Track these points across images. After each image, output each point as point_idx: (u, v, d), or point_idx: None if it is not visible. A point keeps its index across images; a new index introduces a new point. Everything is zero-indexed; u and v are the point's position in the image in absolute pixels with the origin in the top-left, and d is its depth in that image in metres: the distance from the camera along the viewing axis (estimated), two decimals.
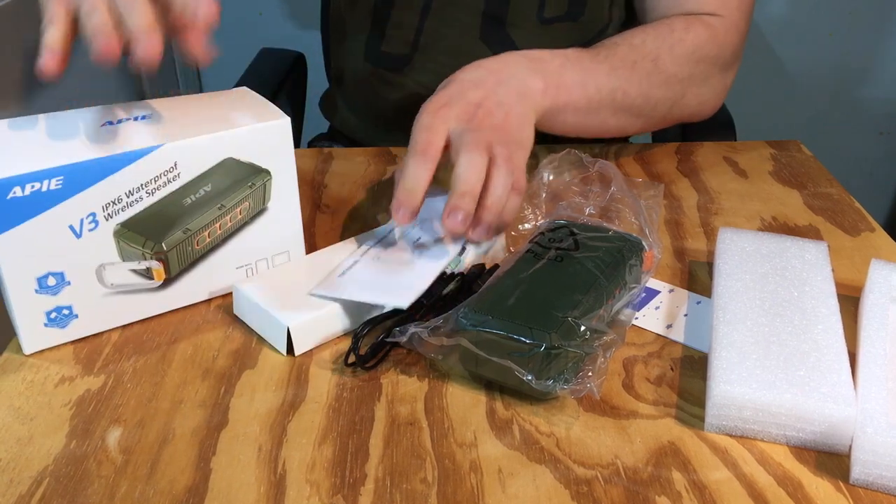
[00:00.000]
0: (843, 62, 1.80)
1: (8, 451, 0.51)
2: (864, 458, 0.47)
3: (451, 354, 0.55)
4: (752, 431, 0.51)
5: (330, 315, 0.59)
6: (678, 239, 0.73)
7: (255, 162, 0.62)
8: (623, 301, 0.60)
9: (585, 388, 0.51)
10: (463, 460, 0.50)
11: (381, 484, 0.48)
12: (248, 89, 0.67)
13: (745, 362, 0.52)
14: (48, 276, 0.57)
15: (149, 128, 0.59)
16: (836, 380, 0.51)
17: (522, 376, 0.51)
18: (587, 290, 0.56)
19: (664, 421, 0.53)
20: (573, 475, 0.49)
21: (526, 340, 0.52)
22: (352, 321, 0.60)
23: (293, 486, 0.48)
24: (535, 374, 0.51)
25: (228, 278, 0.64)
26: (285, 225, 0.65)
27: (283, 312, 0.58)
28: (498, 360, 0.52)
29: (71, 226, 0.56)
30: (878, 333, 0.55)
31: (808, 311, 0.57)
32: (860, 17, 1.75)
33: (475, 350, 0.53)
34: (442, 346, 0.55)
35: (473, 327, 0.54)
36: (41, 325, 0.58)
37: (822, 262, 0.63)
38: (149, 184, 0.58)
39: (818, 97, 1.84)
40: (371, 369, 0.57)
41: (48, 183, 0.54)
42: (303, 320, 0.58)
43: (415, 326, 0.55)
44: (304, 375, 0.57)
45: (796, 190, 0.81)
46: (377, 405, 0.54)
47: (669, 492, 0.48)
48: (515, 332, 0.52)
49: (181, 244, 0.61)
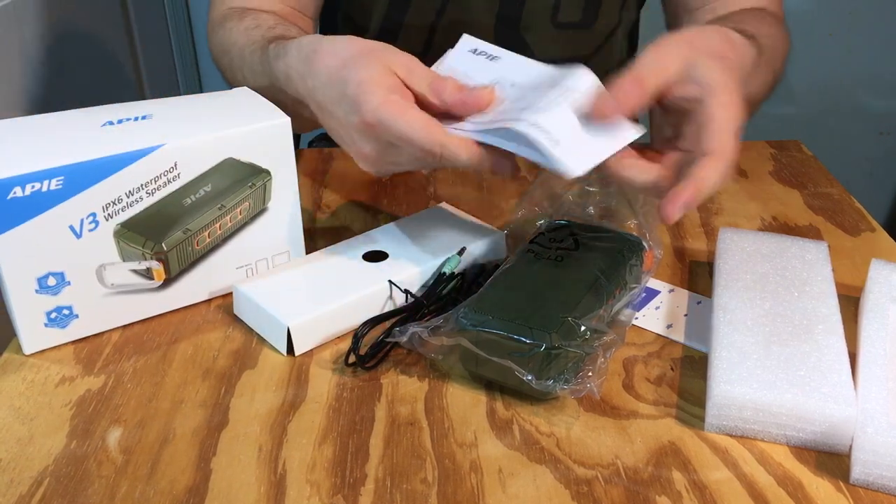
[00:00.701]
0: (843, 62, 1.80)
1: (8, 451, 0.51)
2: (864, 458, 0.47)
3: (452, 354, 0.55)
4: (752, 431, 0.51)
5: (330, 315, 0.59)
6: (678, 239, 0.73)
7: (255, 162, 0.62)
8: (623, 301, 0.60)
9: (585, 388, 0.51)
10: (463, 460, 0.50)
11: (382, 484, 0.48)
12: (248, 89, 0.67)
13: (745, 362, 0.52)
14: (48, 276, 0.57)
15: (149, 128, 0.59)
16: (836, 380, 0.51)
17: (522, 376, 0.51)
18: (587, 290, 0.56)
19: (664, 421, 0.53)
20: (573, 475, 0.49)
21: (526, 340, 0.52)
22: (352, 321, 0.60)
23: (293, 486, 0.48)
24: (535, 374, 0.51)
25: (228, 278, 0.64)
26: (285, 225, 0.65)
27: (283, 312, 0.58)
28: (498, 360, 0.52)
29: (71, 226, 0.56)
30: (878, 333, 0.55)
31: (808, 311, 0.57)
32: (860, 17, 1.75)
33: (475, 350, 0.53)
34: (442, 345, 0.55)
35: (474, 327, 0.54)
36: (41, 325, 0.58)
37: (822, 262, 0.63)
38: (149, 184, 0.58)
39: (818, 97, 1.84)
40: (371, 369, 0.57)
41: (48, 183, 0.54)
42: (303, 320, 0.58)
43: (415, 326, 0.55)
44: (304, 375, 0.57)
45: (797, 190, 0.81)
46: (377, 405, 0.54)
47: (670, 492, 0.48)
48: (516, 332, 0.52)
49: (181, 244, 0.61)
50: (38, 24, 1.21)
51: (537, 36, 0.88)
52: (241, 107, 0.63)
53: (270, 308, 0.59)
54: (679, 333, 0.60)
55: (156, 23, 1.72)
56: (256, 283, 0.62)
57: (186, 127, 0.59)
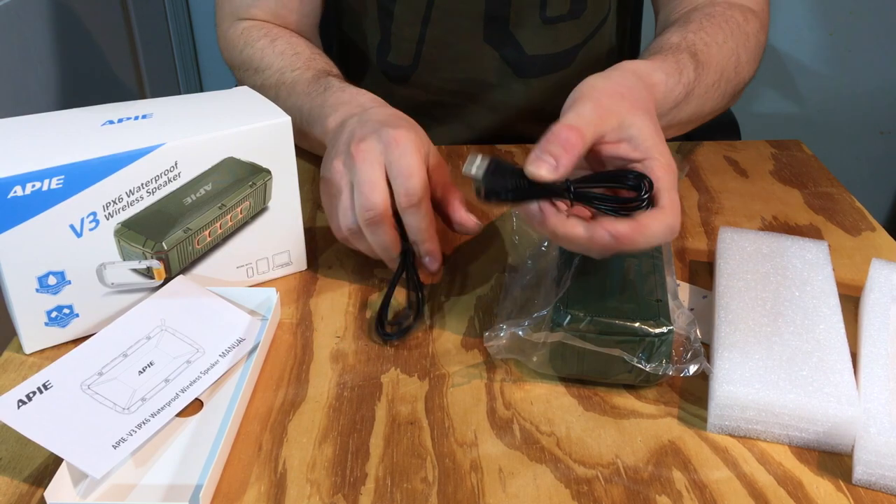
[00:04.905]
0: (844, 62, 1.80)
1: (9, 451, 0.51)
2: (866, 459, 0.47)
3: (538, 354, 0.55)
4: (754, 432, 0.51)
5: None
6: (679, 238, 0.73)
7: (255, 161, 0.62)
8: (672, 279, 0.60)
9: (687, 367, 0.52)
10: (463, 460, 0.50)
11: (382, 483, 0.48)
12: (248, 89, 0.67)
13: (747, 362, 0.52)
14: (49, 276, 0.56)
15: (149, 127, 0.59)
16: (839, 380, 0.51)
17: (637, 363, 0.52)
18: (653, 272, 0.57)
19: (665, 420, 0.53)
20: (574, 475, 0.49)
21: (637, 326, 0.52)
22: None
23: (294, 485, 0.48)
24: (646, 359, 0.52)
25: (229, 277, 0.64)
26: (286, 224, 0.65)
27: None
28: (606, 350, 0.52)
29: (71, 225, 0.56)
30: (879, 333, 0.55)
31: (809, 310, 0.57)
32: (860, 16, 1.75)
33: (580, 345, 0.53)
34: (533, 345, 0.54)
35: (577, 322, 0.53)
36: (42, 325, 0.58)
37: (822, 262, 0.62)
38: (149, 183, 0.58)
39: (818, 97, 1.84)
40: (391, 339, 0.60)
41: (49, 182, 0.54)
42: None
43: (508, 326, 0.55)
44: (304, 375, 0.57)
45: (797, 189, 0.81)
46: (377, 404, 0.54)
47: (670, 491, 0.48)
48: (624, 319, 0.53)
49: (182, 243, 0.61)
50: (38, 24, 1.21)
51: (527, 32, 0.88)
52: (242, 106, 0.63)
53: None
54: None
55: (156, 23, 1.72)
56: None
57: (187, 126, 0.59)
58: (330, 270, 0.68)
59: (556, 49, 0.90)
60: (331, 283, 0.67)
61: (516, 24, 0.88)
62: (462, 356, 0.58)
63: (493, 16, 0.87)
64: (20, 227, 0.54)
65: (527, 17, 0.87)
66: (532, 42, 0.89)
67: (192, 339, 0.57)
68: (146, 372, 0.54)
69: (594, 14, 0.90)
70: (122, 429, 0.50)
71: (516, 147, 0.90)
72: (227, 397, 0.55)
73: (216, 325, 0.59)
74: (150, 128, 0.59)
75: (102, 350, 0.55)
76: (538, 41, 0.89)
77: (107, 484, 0.48)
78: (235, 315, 0.60)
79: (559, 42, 0.90)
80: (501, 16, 0.87)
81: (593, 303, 0.54)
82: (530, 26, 0.88)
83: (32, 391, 0.51)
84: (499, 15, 0.87)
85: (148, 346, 0.56)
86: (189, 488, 0.48)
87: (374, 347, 0.59)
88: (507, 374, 0.57)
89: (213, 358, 0.56)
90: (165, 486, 0.48)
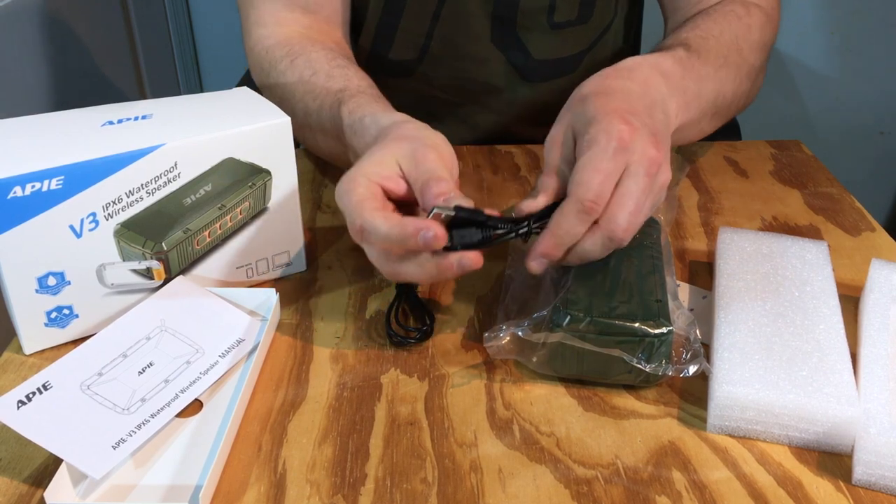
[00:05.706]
0: (844, 62, 1.80)
1: (9, 451, 0.51)
2: (866, 459, 0.47)
3: (538, 355, 0.55)
4: (754, 432, 0.51)
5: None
6: (679, 239, 0.73)
7: (255, 162, 0.62)
8: (673, 278, 0.60)
9: (686, 367, 0.53)
10: (463, 460, 0.50)
11: (382, 484, 0.48)
12: (248, 89, 0.67)
13: (747, 363, 0.52)
14: (48, 276, 0.56)
15: (149, 128, 0.59)
16: (839, 380, 0.51)
17: (635, 363, 0.52)
18: (652, 272, 0.57)
19: (664, 421, 0.53)
20: (573, 475, 0.49)
21: (637, 327, 0.52)
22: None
23: (293, 485, 0.48)
24: (645, 359, 0.52)
25: (229, 278, 0.64)
26: (285, 225, 0.65)
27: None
28: (606, 351, 0.53)
29: (71, 225, 0.56)
30: (879, 333, 0.55)
31: (809, 310, 0.57)
32: (861, 16, 1.75)
33: (579, 345, 0.53)
34: (533, 345, 0.54)
35: (577, 322, 0.53)
36: (41, 325, 0.58)
37: (822, 262, 0.62)
38: (149, 183, 0.58)
39: (819, 96, 1.84)
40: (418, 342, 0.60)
41: (48, 183, 0.54)
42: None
43: (508, 327, 0.55)
44: (304, 375, 0.57)
45: (797, 189, 0.81)
46: (377, 405, 0.54)
47: (670, 491, 0.48)
48: (624, 320, 0.53)
49: (181, 244, 0.61)
50: (38, 24, 1.21)
51: (534, 36, 0.88)
52: (242, 107, 0.63)
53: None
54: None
55: (156, 23, 1.72)
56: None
57: (186, 126, 0.59)
58: (330, 271, 0.68)
59: (563, 54, 0.90)
60: (331, 284, 0.67)
61: (523, 27, 0.88)
62: (462, 356, 0.58)
63: (500, 16, 0.87)
64: (20, 228, 0.54)
65: (534, 21, 0.88)
66: (539, 47, 0.89)
67: (191, 340, 0.57)
68: (146, 372, 0.54)
69: (600, 20, 0.90)
70: (122, 429, 0.50)
71: (516, 147, 0.90)
72: (227, 398, 0.55)
73: (216, 325, 0.59)
74: (150, 128, 0.59)
75: (102, 351, 0.55)
76: (545, 46, 0.89)
77: (106, 484, 0.48)
78: (235, 315, 0.60)
79: (566, 47, 0.90)
80: (509, 17, 0.87)
81: (593, 303, 0.54)
82: (538, 31, 0.88)
83: (32, 392, 0.51)
84: (506, 16, 0.87)
85: (148, 347, 0.56)
86: (189, 489, 0.48)
87: (373, 348, 0.60)
88: (507, 374, 0.57)
89: (213, 358, 0.56)
90: (165, 487, 0.48)
